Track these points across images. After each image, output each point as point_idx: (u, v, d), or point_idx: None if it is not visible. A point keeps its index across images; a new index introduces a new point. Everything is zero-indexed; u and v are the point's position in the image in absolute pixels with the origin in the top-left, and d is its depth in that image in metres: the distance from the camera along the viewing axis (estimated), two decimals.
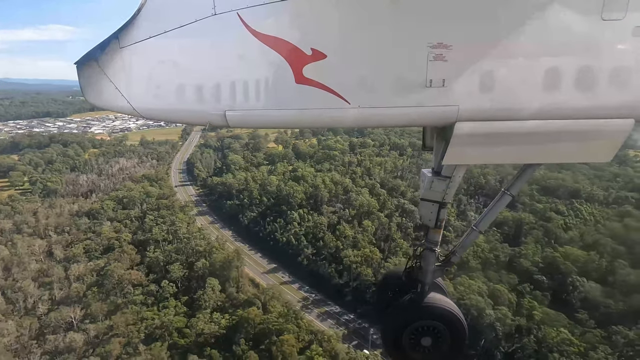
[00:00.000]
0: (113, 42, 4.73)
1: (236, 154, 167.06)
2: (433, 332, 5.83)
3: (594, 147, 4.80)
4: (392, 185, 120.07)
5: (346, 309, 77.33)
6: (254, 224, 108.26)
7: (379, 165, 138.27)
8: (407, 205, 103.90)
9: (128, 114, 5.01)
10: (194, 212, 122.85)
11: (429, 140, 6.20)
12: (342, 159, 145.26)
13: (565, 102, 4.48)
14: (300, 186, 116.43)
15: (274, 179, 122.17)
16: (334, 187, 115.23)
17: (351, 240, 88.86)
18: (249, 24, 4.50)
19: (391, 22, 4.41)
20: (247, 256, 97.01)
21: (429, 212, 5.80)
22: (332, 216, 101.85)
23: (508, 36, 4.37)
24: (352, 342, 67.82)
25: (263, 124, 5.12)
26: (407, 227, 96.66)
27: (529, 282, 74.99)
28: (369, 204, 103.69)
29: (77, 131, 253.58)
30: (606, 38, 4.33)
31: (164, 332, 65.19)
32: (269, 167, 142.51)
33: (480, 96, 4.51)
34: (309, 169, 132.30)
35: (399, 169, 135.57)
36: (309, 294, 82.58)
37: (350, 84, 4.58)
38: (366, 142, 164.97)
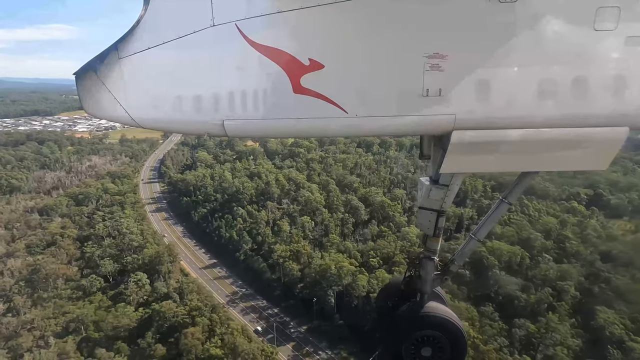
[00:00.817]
0: (112, 53, 4.77)
1: (209, 151, 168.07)
2: (433, 342, 5.81)
3: (590, 155, 4.85)
4: (347, 182, 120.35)
5: (272, 304, 77.87)
6: (203, 220, 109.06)
7: (341, 162, 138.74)
8: (354, 202, 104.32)
9: (127, 124, 5.11)
10: (151, 209, 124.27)
11: (427, 149, 6.14)
12: (306, 156, 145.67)
13: (561, 111, 4.55)
14: (253, 182, 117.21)
15: (228, 175, 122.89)
16: (286, 184, 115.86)
17: (287, 236, 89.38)
18: (247, 35, 4.57)
19: (388, 32, 4.50)
20: (191, 252, 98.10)
21: (427, 221, 5.79)
22: (276, 212, 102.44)
23: (503, 46, 4.44)
24: (267, 335, 68.41)
25: (261, 133, 5.19)
26: (348, 223, 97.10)
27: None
28: (315, 200, 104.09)
29: (62, 129, 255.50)
30: (599, 48, 4.42)
31: (80, 325, 66.08)
32: (231, 164, 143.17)
33: (477, 105, 4.57)
34: (267, 166, 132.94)
35: (360, 166, 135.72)
36: (240, 288, 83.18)
37: (348, 94, 4.65)
38: (339, 140, 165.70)
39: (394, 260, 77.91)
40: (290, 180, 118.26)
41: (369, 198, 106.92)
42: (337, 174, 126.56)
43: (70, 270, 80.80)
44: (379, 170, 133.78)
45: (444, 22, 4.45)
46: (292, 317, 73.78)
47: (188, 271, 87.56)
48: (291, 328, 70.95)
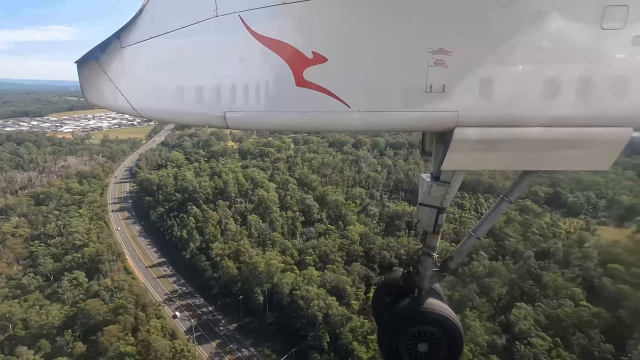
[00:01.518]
0: (114, 42, 4.76)
1: (186, 151, 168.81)
2: (430, 338, 5.83)
3: (593, 155, 4.79)
4: (307, 181, 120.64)
5: (208, 302, 78.31)
6: (159, 220, 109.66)
7: (308, 161, 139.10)
8: (308, 200, 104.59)
9: (128, 114, 5.08)
10: (115, 208, 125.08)
11: (428, 145, 6.08)
12: (274, 155, 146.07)
13: (565, 110, 4.50)
14: (212, 182, 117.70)
15: (189, 175, 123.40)
16: (245, 183, 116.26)
17: (231, 235, 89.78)
18: (251, 26, 4.52)
19: (393, 27, 4.44)
20: (142, 251, 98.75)
21: (427, 217, 5.72)
22: (228, 211, 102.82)
23: (508, 44, 4.39)
24: (197, 332, 68.88)
25: (262, 126, 5.12)
26: (297, 220, 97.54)
27: (380, 273, 75.75)
28: (269, 199, 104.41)
29: (48, 130, 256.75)
30: (606, 47, 4.34)
31: (7, 323, 66.72)
32: (199, 164, 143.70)
33: (480, 102, 4.51)
34: (231, 165, 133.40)
35: (326, 166, 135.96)
36: (181, 287, 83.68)
37: (351, 88, 4.60)
38: (312, 139, 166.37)
39: (330, 258, 78.23)
40: (250, 179, 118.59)
41: (325, 197, 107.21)
42: (299, 173, 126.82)
43: (12, 269, 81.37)
44: (343, 170, 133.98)
45: (449, 17, 4.39)
46: (225, 315, 74.16)
47: (133, 270, 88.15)
48: (221, 326, 71.31)
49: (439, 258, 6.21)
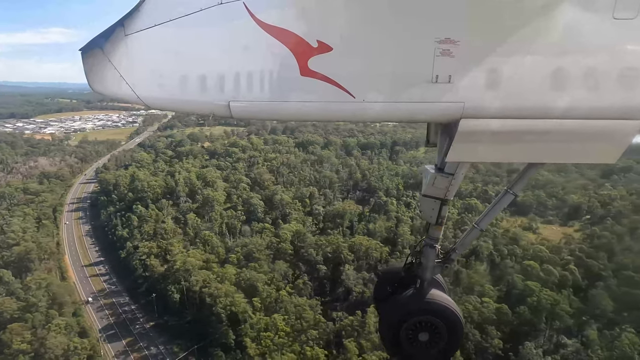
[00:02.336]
0: (118, 30, 4.67)
1: (158, 152, 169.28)
2: (431, 328, 5.89)
3: (599, 148, 4.73)
4: (261, 181, 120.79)
5: (133, 300, 78.44)
6: (107, 219, 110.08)
7: (269, 161, 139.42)
8: (254, 199, 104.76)
9: (133, 102, 5.05)
10: (71, 208, 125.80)
11: (433, 136, 6.06)
12: (237, 155, 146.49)
13: (573, 102, 4.41)
14: (161, 181, 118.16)
15: (141, 174, 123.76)
16: (197, 183, 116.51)
17: (165, 234, 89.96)
18: (255, 14, 4.45)
19: (399, 15, 4.37)
20: (83, 250, 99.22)
21: (431, 209, 5.72)
22: (169, 209, 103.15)
23: (517, 33, 4.30)
24: (111, 331, 69.03)
25: (266, 115, 5.08)
26: (238, 219, 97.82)
27: (308, 271, 75.75)
28: (214, 198, 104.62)
29: (31, 131, 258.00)
30: (617, 37, 4.23)
31: None
32: (160, 164, 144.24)
33: (487, 93, 4.45)
34: (188, 165, 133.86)
35: (286, 165, 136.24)
36: (111, 285, 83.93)
37: (356, 78, 4.54)
38: (280, 139, 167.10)
39: (254, 257, 78.20)
40: (202, 179, 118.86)
41: (273, 197, 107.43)
42: (256, 173, 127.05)
43: None
44: (302, 170, 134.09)
45: (456, 6, 4.30)
46: (145, 313, 74.17)
47: (68, 268, 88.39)
48: (137, 324, 71.38)
49: (441, 249, 6.19)
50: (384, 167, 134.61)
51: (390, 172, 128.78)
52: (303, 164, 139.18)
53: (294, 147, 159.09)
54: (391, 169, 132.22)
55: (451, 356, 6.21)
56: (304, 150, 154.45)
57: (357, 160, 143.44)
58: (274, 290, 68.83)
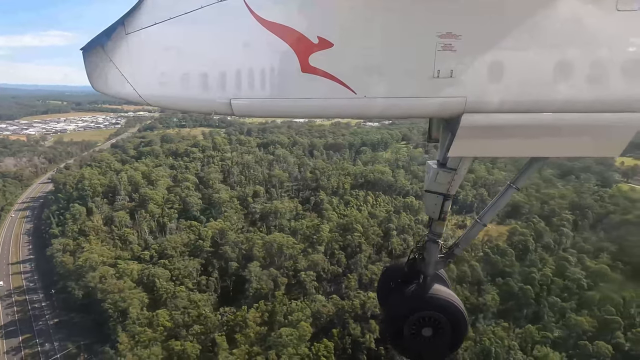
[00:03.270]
0: (119, 28, 4.67)
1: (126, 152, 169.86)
2: (434, 323, 5.91)
3: (603, 142, 4.71)
4: (207, 179, 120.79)
5: (46, 297, 78.31)
6: (47, 218, 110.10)
7: (224, 161, 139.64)
8: (189, 197, 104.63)
9: (135, 101, 5.01)
10: (21, 207, 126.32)
11: (435, 131, 6.04)
12: (194, 154, 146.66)
13: (576, 95, 4.38)
14: (106, 180, 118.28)
15: (86, 172, 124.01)
16: (141, 181, 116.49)
17: (89, 231, 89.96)
18: (256, 11, 4.46)
19: (400, 11, 4.36)
20: (16, 247, 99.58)
21: (433, 204, 5.73)
22: (105, 207, 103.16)
23: (519, 27, 4.27)
24: (10, 328, 68.94)
25: (268, 113, 5.01)
26: (168, 217, 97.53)
27: (222, 268, 75.73)
28: (151, 196, 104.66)
29: (11, 133, 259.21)
30: (620, 29, 4.20)
31: None
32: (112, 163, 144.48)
33: (489, 88, 4.42)
34: (138, 164, 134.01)
35: (241, 164, 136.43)
36: (30, 283, 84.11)
37: (357, 74, 4.53)
38: (243, 139, 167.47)
39: (165, 253, 78.05)
40: (147, 178, 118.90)
41: (212, 195, 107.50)
42: (206, 172, 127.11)
43: None
44: (255, 169, 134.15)
45: (458, 1, 4.30)
46: (53, 310, 73.99)
47: None
48: (41, 322, 71.22)
49: (444, 245, 6.23)
50: (338, 167, 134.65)
51: (341, 172, 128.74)
52: (257, 163, 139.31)
53: (255, 146, 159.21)
54: (344, 169, 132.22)
55: (455, 351, 6.22)
56: (265, 150, 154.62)
57: (314, 160, 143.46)
58: (172, 286, 68.37)
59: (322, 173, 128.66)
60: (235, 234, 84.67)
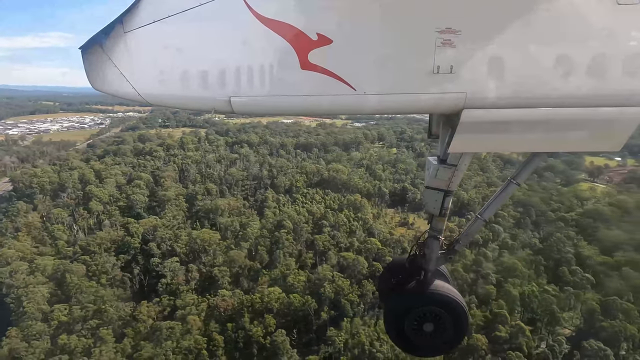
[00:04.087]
0: (117, 27, 4.65)
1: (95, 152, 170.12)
2: (435, 319, 5.96)
3: (603, 137, 4.72)
4: (159, 178, 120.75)
5: None
6: None
7: (184, 159, 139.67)
8: (135, 195, 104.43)
9: (134, 99, 4.96)
10: None
11: (435, 127, 6.06)
12: (158, 153, 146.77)
13: (577, 90, 4.38)
14: (57, 178, 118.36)
15: (38, 171, 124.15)
16: (93, 179, 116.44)
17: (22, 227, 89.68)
18: (254, 8, 4.44)
19: (399, 6, 4.35)
20: None
21: (434, 200, 5.71)
22: (47, 204, 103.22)
23: (519, 21, 4.26)
24: None
25: (268, 110, 5.05)
26: (110, 214, 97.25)
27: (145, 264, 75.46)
28: (95, 194, 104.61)
29: None
30: (621, 23, 4.20)
31: None
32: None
33: (489, 83, 4.42)
34: (93, 163, 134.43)
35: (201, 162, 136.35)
36: None
37: (356, 70, 4.52)
38: (212, 138, 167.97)
39: (88, 249, 77.59)
40: (99, 176, 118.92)
41: (156, 193, 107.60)
42: (161, 171, 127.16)
43: None
44: (214, 168, 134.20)
45: None
46: None
47: None
48: None
49: (445, 241, 6.26)
50: (297, 166, 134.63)
51: (298, 170, 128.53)
52: (218, 162, 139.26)
53: (224, 145, 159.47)
54: (303, 167, 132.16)
55: (456, 346, 6.29)
56: (231, 149, 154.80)
57: (278, 159, 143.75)
58: (84, 281, 67.81)
59: (280, 171, 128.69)
60: (166, 231, 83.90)
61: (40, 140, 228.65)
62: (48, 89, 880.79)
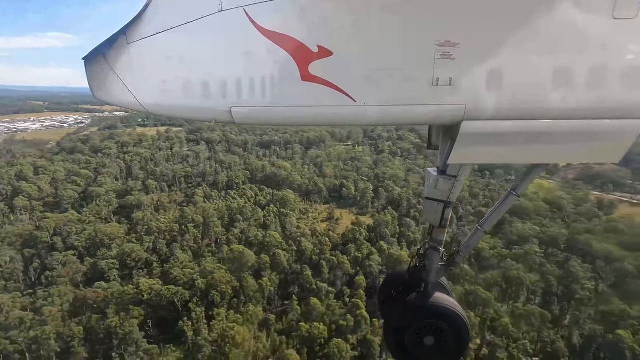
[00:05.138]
0: (121, 38, 4.74)
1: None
2: (436, 332, 5.90)
3: (603, 148, 4.74)
4: (89, 175, 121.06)
5: None
6: None
7: (135, 156, 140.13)
8: (65, 191, 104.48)
9: (136, 110, 5.07)
10: None
11: (435, 139, 6.05)
12: (111, 151, 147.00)
13: (575, 102, 4.42)
14: None
15: None
16: (32, 176, 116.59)
17: None
18: (256, 21, 4.50)
19: (399, 19, 4.40)
20: None
21: (434, 212, 5.73)
22: None
23: (517, 35, 4.32)
24: None
25: (268, 121, 5.07)
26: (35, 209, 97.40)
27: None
28: (26, 189, 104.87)
29: None
30: (617, 37, 4.26)
31: None
32: None
33: (488, 95, 4.46)
34: (38, 160, 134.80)
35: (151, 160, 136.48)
36: None
37: (356, 82, 4.57)
38: (171, 136, 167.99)
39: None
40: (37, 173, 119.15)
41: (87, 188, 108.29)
42: (106, 167, 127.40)
43: None
44: (160, 165, 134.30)
45: (456, 9, 4.31)
46: None
47: None
48: None
49: (445, 252, 6.23)
50: (244, 162, 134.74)
51: (243, 167, 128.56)
52: (167, 160, 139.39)
53: (184, 142, 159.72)
54: (250, 164, 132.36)
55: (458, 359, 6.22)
56: (188, 147, 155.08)
57: (225, 156, 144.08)
58: None
59: (227, 168, 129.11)
60: (75, 225, 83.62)
61: (12, 139, 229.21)
62: (46, 89, 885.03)
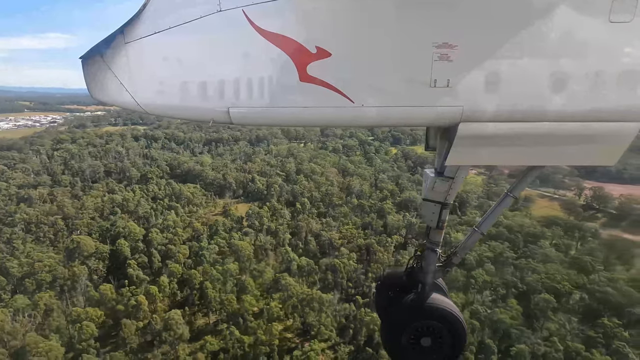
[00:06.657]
0: (118, 37, 4.70)
1: None
2: (433, 333, 5.90)
3: (599, 151, 4.76)
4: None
5: None
6: None
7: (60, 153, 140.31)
8: None
9: (133, 109, 5.02)
10: None
11: (432, 140, 6.05)
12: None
13: (571, 105, 4.43)
14: None
15: None
16: None
17: None
18: (254, 21, 4.48)
19: (397, 21, 4.40)
20: None
21: (431, 213, 5.76)
22: None
23: (514, 37, 4.33)
24: None
25: (266, 121, 5.07)
26: None
27: None
28: None
29: None
30: (614, 40, 4.28)
31: None
32: None
33: (485, 97, 4.47)
34: None
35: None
36: None
37: (354, 83, 4.57)
38: None
39: None
40: None
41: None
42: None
43: None
44: (87, 162, 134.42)
45: (454, 11, 4.31)
46: None
47: None
48: None
49: (442, 253, 6.27)
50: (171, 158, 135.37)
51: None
52: (95, 157, 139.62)
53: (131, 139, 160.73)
54: (176, 159, 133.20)
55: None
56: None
57: (156, 153, 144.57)
58: None
59: (147, 163, 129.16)
60: None
61: None
62: (46, 90, 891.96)
